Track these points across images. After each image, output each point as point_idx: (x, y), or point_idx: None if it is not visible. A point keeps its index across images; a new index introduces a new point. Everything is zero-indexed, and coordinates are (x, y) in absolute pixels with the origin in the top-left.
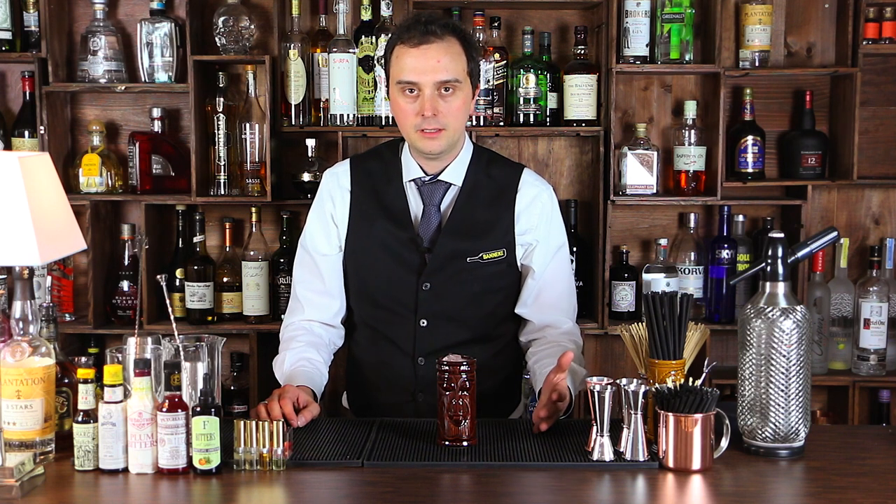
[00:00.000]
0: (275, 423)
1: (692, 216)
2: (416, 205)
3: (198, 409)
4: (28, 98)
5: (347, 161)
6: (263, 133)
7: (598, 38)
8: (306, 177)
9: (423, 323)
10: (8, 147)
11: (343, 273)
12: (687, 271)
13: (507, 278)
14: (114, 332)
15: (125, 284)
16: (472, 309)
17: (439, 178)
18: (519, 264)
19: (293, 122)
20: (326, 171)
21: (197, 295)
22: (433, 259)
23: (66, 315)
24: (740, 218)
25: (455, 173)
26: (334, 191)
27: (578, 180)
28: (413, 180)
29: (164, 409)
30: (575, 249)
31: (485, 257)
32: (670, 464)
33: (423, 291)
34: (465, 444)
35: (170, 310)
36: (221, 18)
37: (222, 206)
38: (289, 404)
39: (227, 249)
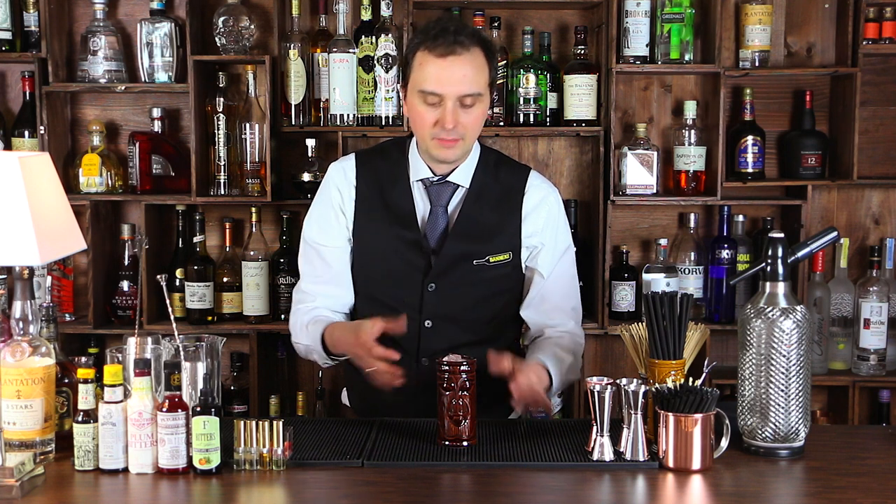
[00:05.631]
0: (275, 423)
1: (692, 216)
2: (422, 205)
3: (198, 409)
4: (28, 98)
5: (353, 156)
6: (263, 133)
7: (598, 38)
8: (306, 177)
9: (428, 324)
10: (8, 147)
11: (351, 264)
12: (687, 271)
13: (511, 281)
14: (114, 332)
15: (125, 284)
16: (476, 311)
17: (448, 179)
18: (523, 266)
19: (293, 122)
20: (333, 164)
21: (197, 295)
22: (439, 261)
23: (66, 315)
24: (740, 218)
25: (463, 175)
26: (341, 183)
27: (578, 180)
28: (421, 180)
29: (164, 409)
30: (575, 249)
31: (491, 260)
32: (670, 464)
33: (428, 292)
34: (465, 444)
35: (170, 310)
36: (221, 18)
37: (222, 206)
38: (377, 347)
39: (227, 249)
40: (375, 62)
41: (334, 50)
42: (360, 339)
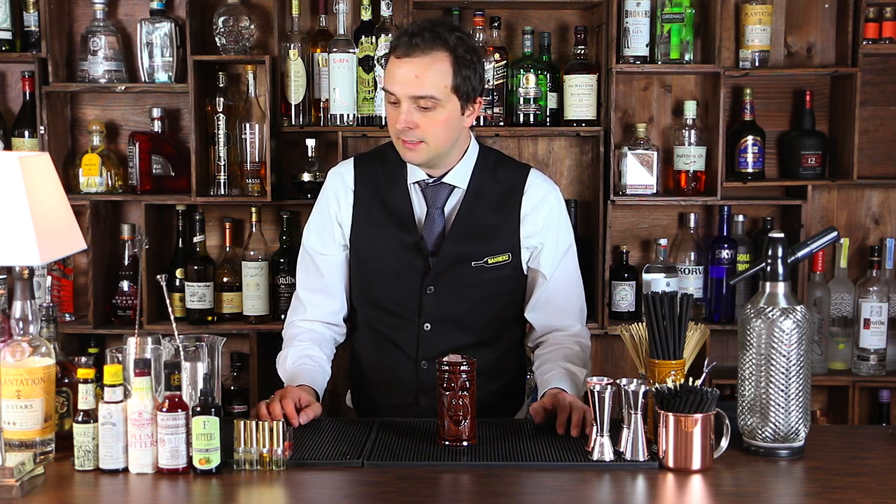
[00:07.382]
0: (275, 422)
1: (692, 216)
2: (420, 207)
3: (198, 409)
4: (28, 98)
5: (352, 160)
6: (263, 133)
7: (598, 38)
8: (306, 177)
9: (427, 327)
10: (8, 147)
11: (347, 273)
12: (687, 271)
13: (512, 282)
14: (114, 332)
15: (125, 284)
16: (476, 313)
17: (442, 181)
18: (525, 267)
19: (293, 122)
20: (331, 171)
21: (197, 295)
22: (437, 263)
23: (66, 315)
24: (740, 218)
25: (460, 176)
26: (339, 190)
27: (578, 180)
28: (417, 182)
29: (164, 409)
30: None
31: (490, 261)
32: (670, 464)
33: (427, 295)
34: (465, 444)
35: (170, 310)
36: (221, 18)
37: (222, 206)
38: (290, 404)
39: (227, 249)
40: (375, 62)
41: (334, 50)
42: (279, 397)
